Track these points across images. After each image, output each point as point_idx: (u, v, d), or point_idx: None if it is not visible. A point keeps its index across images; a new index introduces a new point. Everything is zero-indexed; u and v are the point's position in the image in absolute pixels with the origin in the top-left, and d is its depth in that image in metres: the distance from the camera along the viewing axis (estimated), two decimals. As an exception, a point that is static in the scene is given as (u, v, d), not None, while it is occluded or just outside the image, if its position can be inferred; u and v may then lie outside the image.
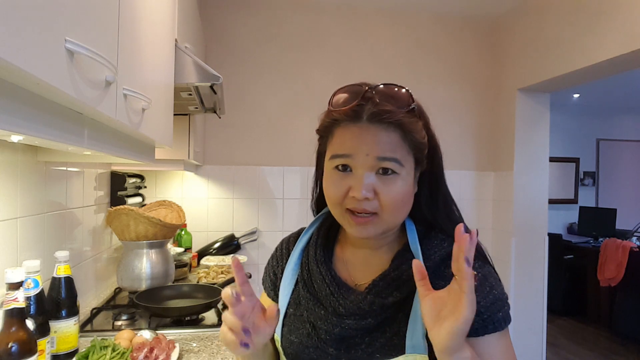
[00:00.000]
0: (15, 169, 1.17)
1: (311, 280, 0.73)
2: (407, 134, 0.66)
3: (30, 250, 1.24)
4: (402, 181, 0.66)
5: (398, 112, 0.65)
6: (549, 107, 2.95)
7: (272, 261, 0.86)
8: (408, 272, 0.66)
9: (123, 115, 0.88)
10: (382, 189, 0.65)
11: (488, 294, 0.66)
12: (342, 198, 0.67)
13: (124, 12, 0.87)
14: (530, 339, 2.91)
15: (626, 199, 5.66)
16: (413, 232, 0.72)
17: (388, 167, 0.65)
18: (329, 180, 0.69)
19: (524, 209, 2.89)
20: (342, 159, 0.67)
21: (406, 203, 0.68)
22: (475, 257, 0.68)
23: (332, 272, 0.72)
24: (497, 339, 0.65)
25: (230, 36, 2.81)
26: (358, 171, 0.66)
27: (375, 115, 0.65)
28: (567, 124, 5.50)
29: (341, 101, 0.68)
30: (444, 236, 0.71)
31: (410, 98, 0.68)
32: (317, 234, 0.79)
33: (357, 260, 0.75)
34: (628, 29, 2.07)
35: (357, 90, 0.68)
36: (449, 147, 2.98)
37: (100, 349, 1.12)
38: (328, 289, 0.70)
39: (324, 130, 0.71)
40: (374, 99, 0.66)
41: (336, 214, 0.70)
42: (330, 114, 0.69)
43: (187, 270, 2.21)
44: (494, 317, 0.64)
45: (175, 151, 2.05)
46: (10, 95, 0.54)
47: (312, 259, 0.75)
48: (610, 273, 4.03)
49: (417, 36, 3.03)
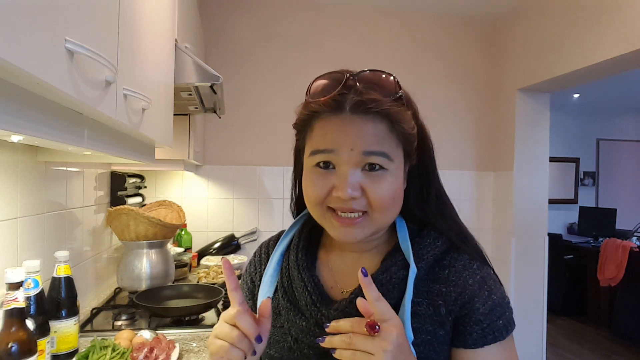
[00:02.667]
0: (15, 169, 1.17)
1: (292, 288, 0.66)
2: (395, 125, 0.59)
3: (30, 250, 1.24)
4: (392, 177, 0.59)
5: (384, 101, 0.58)
6: (549, 107, 2.95)
7: (249, 267, 0.78)
8: (398, 274, 0.61)
9: (123, 115, 0.88)
10: (370, 186, 0.58)
11: (487, 300, 0.60)
12: (324, 198, 0.60)
13: (124, 12, 0.87)
14: (530, 339, 2.92)
15: (626, 199, 5.66)
16: (404, 231, 0.65)
17: (375, 162, 0.58)
18: (308, 179, 0.61)
19: (524, 209, 2.89)
20: (323, 155, 0.59)
21: (397, 201, 0.61)
22: (474, 259, 0.64)
23: (315, 278, 0.65)
24: (498, 349, 0.60)
25: (230, 36, 2.81)
26: (342, 168, 0.58)
27: (359, 104, 0.57)
28: (567, 124, 5.50)
29: (320, 89, 0.60)
30: (437, 234, 0.65)
31: (397, 85, 0.61)
32: (299, 236, 0.71)
33: (344, 265, 0.68)
34: (628, 29, 2.07)
35: (338, 77, 0.60)
36: (449, 147, 3.02)
37: (100, 349, 1.11)
38: (310, 298, 0.63)
39: (302, 124, 0.64)
40: (356, 87, 0.59)
41: (317, 216, 0.63)
42: (309, 106, 0.61)
43: (187, 270, 2.21)
44: (494, 326, 0.59)
45: (175, 151, 2.05)
46: (10, 95, 0.54)
47: (292, 264, 0.67)
48: (610, 273, 4.03)
49: (417, 36, 3.03)
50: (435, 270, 0.63)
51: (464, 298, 0.61)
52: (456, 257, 0.64)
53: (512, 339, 0.62)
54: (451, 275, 0.62)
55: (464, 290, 0.61)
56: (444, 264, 0.64)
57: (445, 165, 3.04)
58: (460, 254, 0.65)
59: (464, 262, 0.64)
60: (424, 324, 0.61)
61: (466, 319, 0.60)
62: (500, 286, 0.64)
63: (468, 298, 0.61)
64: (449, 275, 0.63)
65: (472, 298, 0.60)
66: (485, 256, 0.67)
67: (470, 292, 0.61)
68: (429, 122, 0.69)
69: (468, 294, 0.61)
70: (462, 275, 0.62)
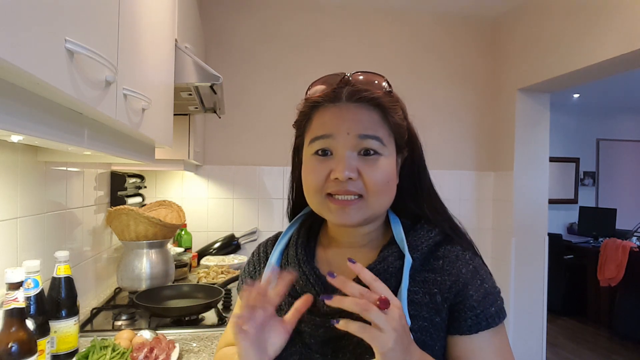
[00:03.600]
0: (15, 169, 1.17)
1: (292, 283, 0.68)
2: (387, 114, 0.65)
3: (30, 250, 1.24)
4: (386, 160, 0.64)
5: (377, 92, 0.65)
6: (549, 107, 2.95)
7: (248, 267, 0.81)
8: (395, 264, 0.64)
9: (123, 115, 0.88)
10: (366, 169, 0.63)
11: (479, 288, 0.64)
12: (323, 183, 0.64)
13: (124, 12, 0.87)
14: (530, 339, 2.91)
15: (626, 199, 5.66)
16: (398, 225, 0.69)
17: (370, 147, 0.63)
18: (308, 167, 0.66)
19: (524, 209, 2.89)
20: (322, 141, 0.64)
21: (391, 186, 0.65)
22: (465, 249, 0.69)
23: (317, 270, 0.68)
24: (491, 335, 0.63)
25: (230, 36, 2.81)
26: (339, 152, 0.63)
27: (354, 93, 0.65)
28: (567, 124, 5.50)
29: (319, 92, 0.68)
30: (430, 227, 0.69)
31: (387, 84, 0.68)
32: (297, 234, 0.75)
33: (342, 260, 0.69)
34: (628, 29, 2.07)
35: (334, 78, 0.68)
36: (449, 147, 3.02)
37: (100, 349, 1.11)
38: (313, 289, 0.66)
39: (303, 118, 0.70)
40: (351, 82, 0.66)
41: (315, 203, 0.67)
42: (309, 100, 0.69)
43: (187, 270, 2.21)
44: (487, 312, 0.63)
45: (175, 151, 2.05)
46: (10, 95, 0.54)
47: (292, 259, 0.71)
48: (610, 273, 4.03)
49: (417, 36, 3.02)
50: (430, 261, 0.67)
51: (458, 286, 0.64)
52: (449, 249, 0.68)
53: (503, 327, 0.65)
54: (445, 265, 0.66)
55: (457, 279, 0.65)
56: (438, 255, 0.68)
57: (446, 165, 3.04)
58: (454, 245, 0.69)
59: (457, 252, 0.68)
60: (420, 311, 0.63)
61: (460, 306, 0.64)
62: (491, 277, 0.68)
63: (462, 286, 0.64)
64: (443, 265, 0.66)
65: (466, 286, 0.64)
66: (476, 248, 0.71)
67: (463, 280, 0.64)
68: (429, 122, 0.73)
69: (462, 282, 0.64)
70: (455, 264, 0.66)
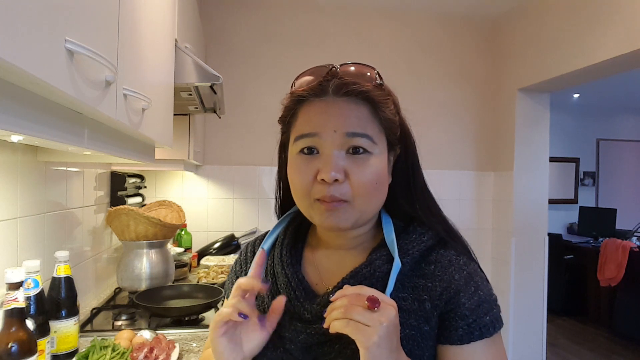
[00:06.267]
0: (15, 169, 1.17)
1: (276, 285, 0.66)
2: (377, 109, 0.61)
3: (30, 250, 1.24)
4: (376, 160, 0.60)
5: (366, 85, 0.60)
6: (549, 107, 2.95)
7: (235, 267, 0.78)
8: (382, 268, 0.61)
9: (123, 115, 0.88)
10: (354, 170, 0.58)
11: (473, 295, 0.59)
12: (310, 185, 0.60)
13: (124, 12, 0.87)
14: (530, 339, 2.92)
15: (626, 199, 5.66)
16: (389, 225, 0.65)
17: (359, 145, 0.59)
18: (294, 166, 0.62)
19: (524, 209, 2.89)
20: (307, 139, 0.60)
21: (381, 187, 0.61)
22: (459, 253, 0.64)
23: (300, 275, 0.65)
24: (485, 346, 0.58)
25: (230, 36, 2.81)
26: (325, 151, 0.59)
27: (341, 87, 0.60)
28: (567, 124, 5.50)
29: (305, 85, 0.63)
30: (423, 230, 0.65)
31: (378, 76, 0.63)
32: (284, 234, 0.72)
33: (331, 262, 0.67)
34: (628, 29, 2.07)
35: (322, 70, 0.63)
36: (449, 147, 3.02)
37: (100, 349, 1.11)
38: (293, 293, 0.63)
39: (287, 112, 0.65)
40: (339, 74, 0.61)
41: (304, 207, 0.63)
42: (294, 94, 0.64)
43: (187, 270, 2.21)
44: (480, 322, 0.58)
45: (175, 151, 2.05)
46: (10, 95, 0.54)
47: (277, 260, 0.68)
48: (610, 273, 4.03)
49: (417, 36, 3.02)
50: (421, 265, 0.63)
51: (449, 293, 0.60)
52: (443, 253, 0.64)
53: (499, 337, 0.61)
54: (437, 271, 0.62)
55: (449, 285, 0.60)
56: (430, 260, 0.64)
57: (445, 166, 3.04)
58: (447, 250, 0.65)
59: (451, 257, 0.63)
60: (408, 319, 0.60)
61: (452, 314, 0.59)
62: (488, 283, 0.63)
63: (454, 293, 0.60)
64: (434, 271, 0.62)
65: (458, 293, 0.60)
66: (471, 252, 0.67)
67: (455, 287, 0.60)
68: (429, 122, 0.70)
69: (454, 288, 0.60)
70: (448, 270, 0.62)
